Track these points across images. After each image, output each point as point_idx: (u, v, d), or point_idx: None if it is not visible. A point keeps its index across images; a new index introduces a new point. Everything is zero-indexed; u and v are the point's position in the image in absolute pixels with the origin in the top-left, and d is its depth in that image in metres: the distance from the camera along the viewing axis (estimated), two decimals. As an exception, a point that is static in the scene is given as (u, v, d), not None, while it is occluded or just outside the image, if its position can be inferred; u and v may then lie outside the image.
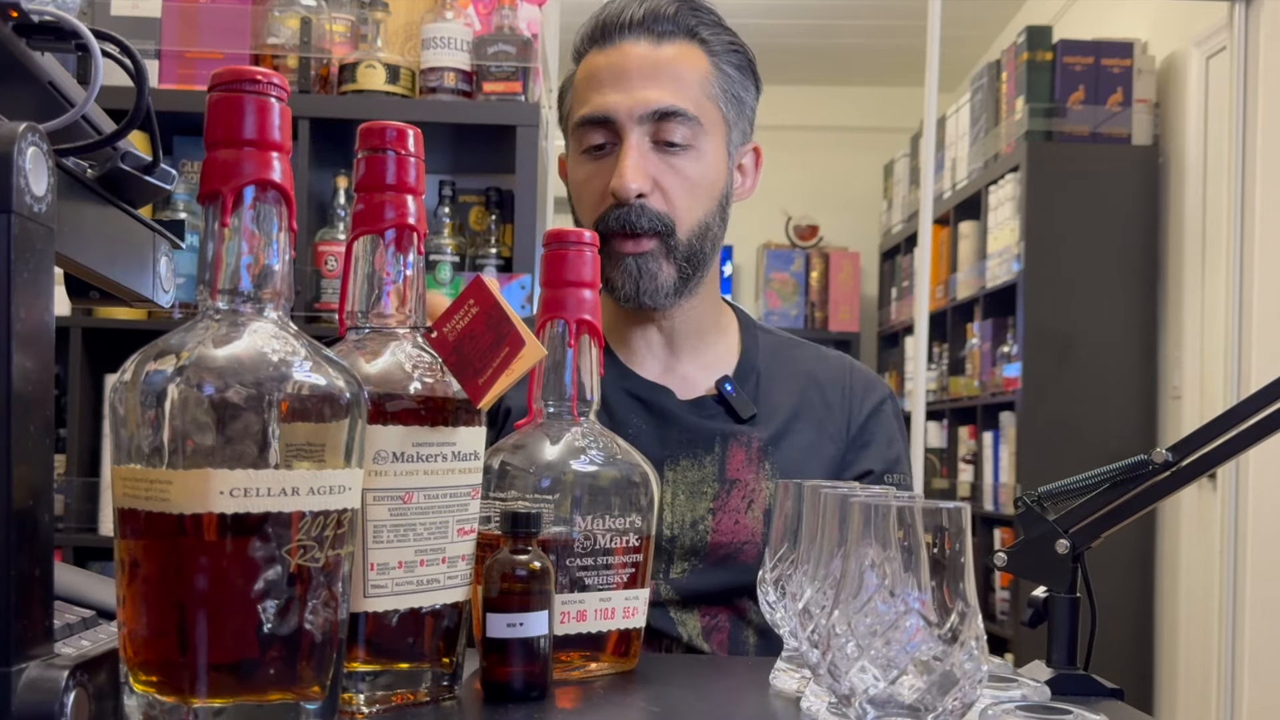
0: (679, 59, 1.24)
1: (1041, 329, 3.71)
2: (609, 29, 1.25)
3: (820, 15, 5.17)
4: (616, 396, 1.26)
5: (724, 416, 1.27)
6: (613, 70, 1.23)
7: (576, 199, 1.28)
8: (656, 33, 1.24)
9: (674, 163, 1.23)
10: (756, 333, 1.36)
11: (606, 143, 1.24)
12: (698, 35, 1.25)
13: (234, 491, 0.62)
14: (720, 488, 1.24)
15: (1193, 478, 0.89)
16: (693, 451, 1.25)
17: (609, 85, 1.23)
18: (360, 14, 2.40)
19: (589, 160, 1.25)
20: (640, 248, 1.22)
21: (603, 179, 1.23)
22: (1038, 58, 3.83)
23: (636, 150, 1.21)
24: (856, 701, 0.64)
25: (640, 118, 1.21)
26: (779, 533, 0.85)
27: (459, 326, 0.80)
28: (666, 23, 1.24)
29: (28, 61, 0.73)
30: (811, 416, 1.30)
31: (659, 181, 1.22)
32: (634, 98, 1.21)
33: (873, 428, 1.32)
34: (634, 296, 1.24)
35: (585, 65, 1.27)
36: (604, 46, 1.25)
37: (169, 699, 0.62)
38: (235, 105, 0.66)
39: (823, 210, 5.83)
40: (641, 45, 1.24)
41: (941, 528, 0.63)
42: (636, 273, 1.22)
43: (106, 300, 0.92)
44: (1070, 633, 0.90)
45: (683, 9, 1.25)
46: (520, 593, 0.81)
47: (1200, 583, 3.47)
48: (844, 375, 1.35)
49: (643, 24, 1.24)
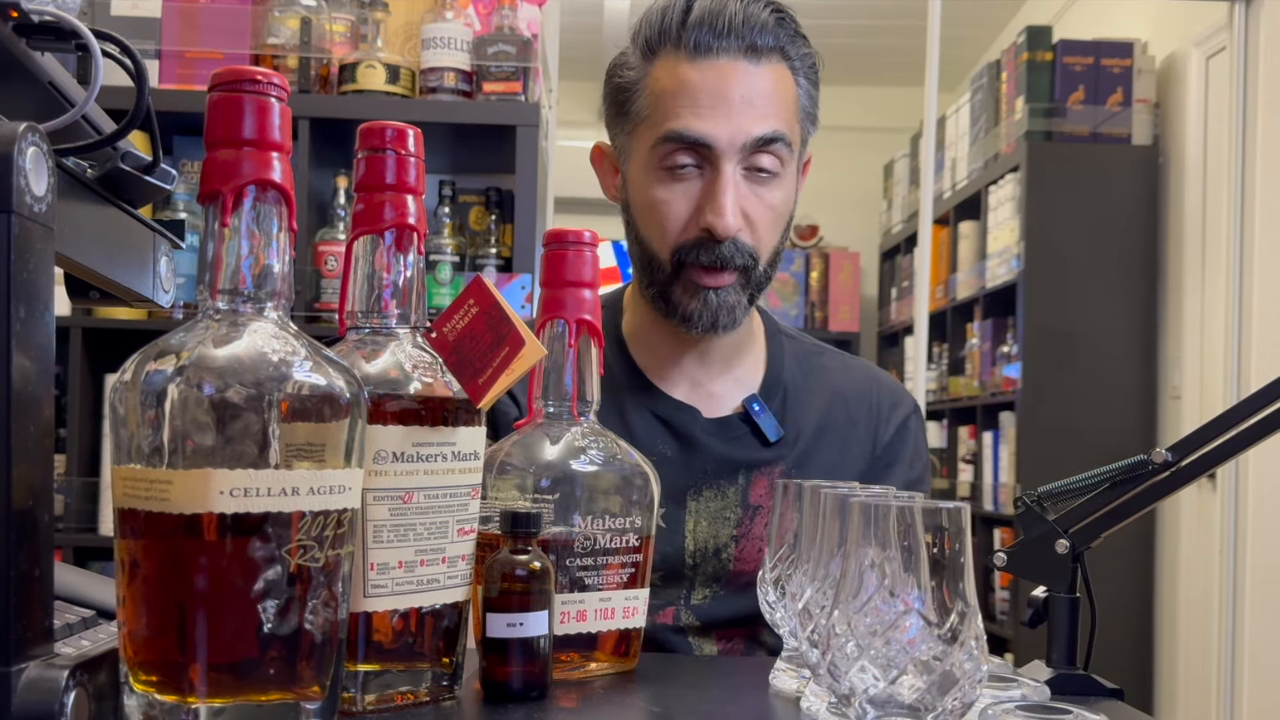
0: (775, 84, 1.17)
1: (1041, 329, 3.71)
2: (703, 34, 1.15)
3: (820, 15, 5.17)
4: (642, 418, 1.23)
5: (750, 438, 1.24)
6: (710, 91, 1.15)
7: (648, 216, 1.20)
8: (755, 48, 1.15)
9: (761, 193, 1.17)
10: (782, 339, 1.33)
11: (692, 165, 1.16)
12: (786, 53, 1.18)
13: (234, 491, 0.62)
14: (743, 514, 1.22)
15: (1192, 478, 0.89)
16: (716, 482, 1.22)
17: (707, 105, 1.14)
18: (360, 14, 2.40)
19: (670, 179, 1.17)
20: (723, 282, 1.17)
21: (688, 205, 1.17)
22: (1038, 58, 3.83)
23: (734, 184, 1.15)
24: (856, 701, 0.64)
25: (742, 147, 1.15)
26: (779, 533, 0.85)
27: (459, 326, 0.80)
28: (766, 36, 1.16)
29: (28, 61, 0.73)
30: (837, 436, 1.27)
31: (748, 214, 1.17)
32: (735, 124, 1.14)
33: (897, 447, 1.30)
34: (710, 328, 1.20)
35: (670, 71, 1.17)
36: (696, 57, 1.15)
37: (169, 699, 0.62)
38: (235, 105, 0.66)
39: (823, 210, 5.82)
40: (741, 67, 1.15)
41: (941, 528, 0.63)
42: (717, 306, 1.18)
43: (106, 300, 0.92)
44: (1070, 633, 0.90)
45: (776, 21, 1.17)
46: (520, 593, 0.81)
47: (1200, 583, 3.47)
48: (870, 390, 1.32)
49: (741, 34, 1.15)
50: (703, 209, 1.16)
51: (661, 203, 1.18)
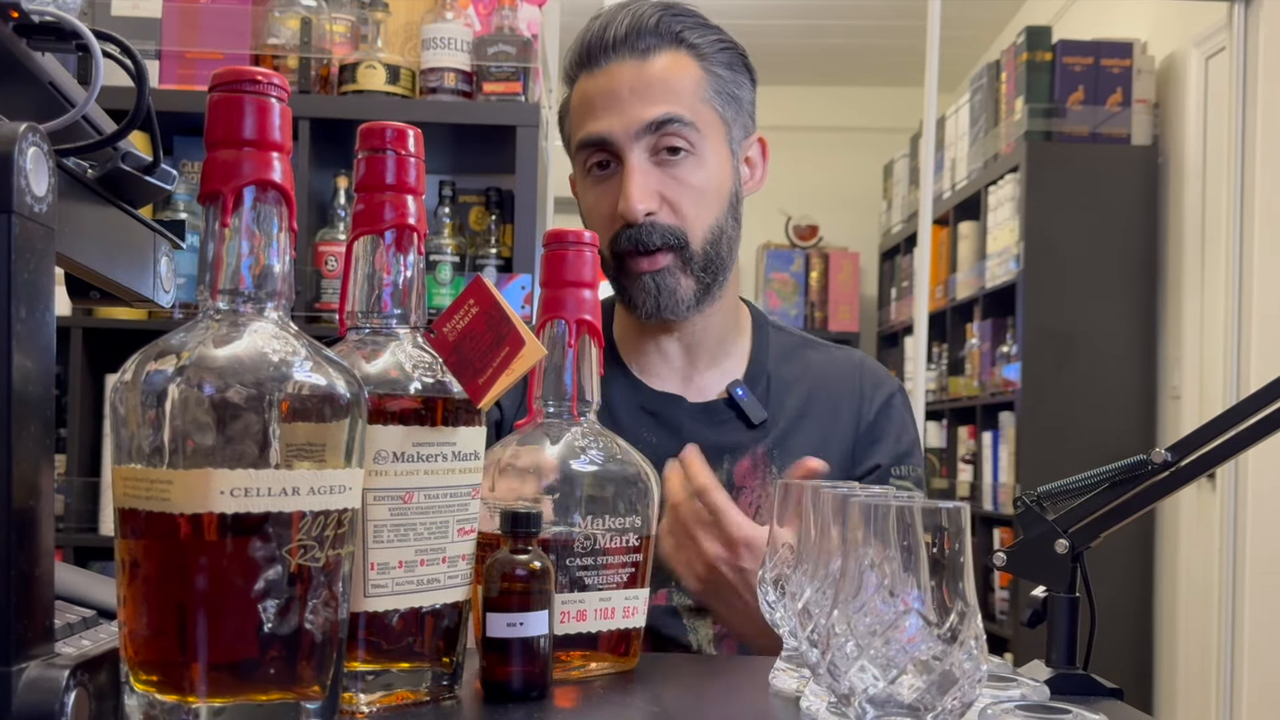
0: (668, 70, 1.24)
1: (1041, 329, 3.71)
2: (594, 52, 1.25)
3: (821, 15, 5.17)
4: (628, 410, 1.27)
5: (735, 422, 1.28)
6: (604, 95, 1.23)
7: (587, 220, 1.28)
8: (641, 49, 1.24)
9: (677, 173, 1.23)
10: (769, 330, 1.37)
11: (609, 161, 1.24)
12: (684, 41, 1.25)
13: (234, 491, 0.62)
14: (729, 495, 1.23)
15: (1192, 478, 0.89)
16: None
17: (602, 108, 1.23)
18: (360, 14, 2.40)
19: (595, 182, 1.26)
20: (655, 264, 1.23)
21: (610, 200, 1.23)
22: (1037, 58, 3.83)
23: (639, 170, 1.21)
24: (856, 701, 0.64)
25: (637, 133, 1.21)
26: (779, 533, 0.85)
27: (459, 326, 0.80)
28: (650, 36, 1.24)
29: (28, 61, 0.73)
30: (818, 419, 1.30)
31: (665, 195, 1.22)
32: (628, 116, 1.22)
33: (881, 424, 1.32)
34: (655, 312, 1.24)
35: (577, 90, 1.27)
36: (592, 70, 1.25)
37: (169, 699, 0.62)
38: (235, 105, 0.66)
39: (823, 210, 5.83)
40: (628, 65, 1.23)
41: (941, 528, 0.63)
42: (655, 289, 1.23)
43: (106, 300, 0.92)
44: (1070, 632, 0.90)
45: (664, 18, 1.24)
46: (520, 593, 0.81)
47: (1200, 582, 3.47)
48: (853, 374, 1.35)
49: (626, 42, 1.24)
50: (618, 200, 1.22)
51: (591, 205, 1.27)
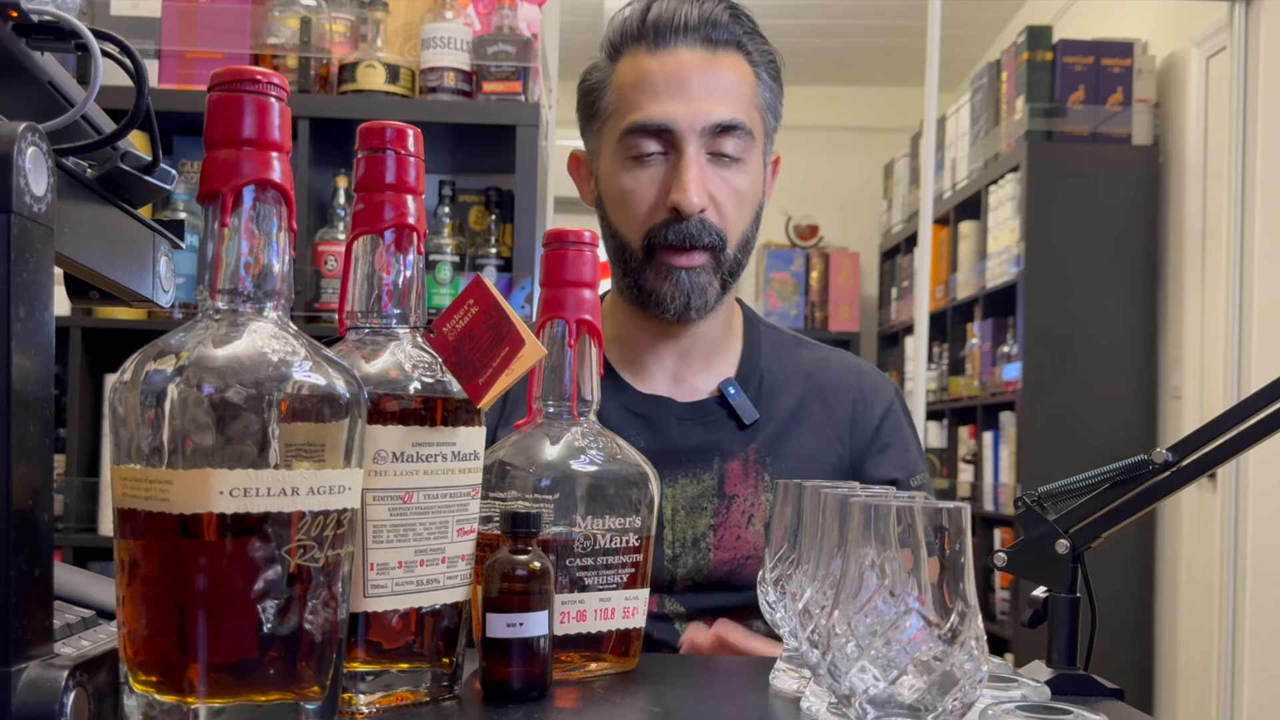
0: (733, 72, 1.22)
1: (1041, 329, 3.71)
2: (661, 30, 1.20)
3: (820, 15, 5.17)
4: (615, 413, 1.24)
5: (725, 421, 1.26)
6: (670, 79, 1.20)
7: (619, 205, 1.24)
8: (711, 40, 1.21)
9: (726, 176, 1.21)
10: (761, 329, 1.35)
11: (658, 151, 1.21)
12: (744, 46, 1.23)
13: (234, 491, 0.62)
14: (720, 503, 1.23)
15: (1193, 478, 0.88)
16: (691, 469, 1.24)
17: (666, 93, 1.19)
18: (360, 14, 2.40)
19: (637, 167, 1.22)
20: (694, 262, 1.21)
21: (655, 189, 1.21)
22: (1038, 57, 3.83)
23: (698, 164, 1.19)
24: (856, 701, 0.64)
25: (701, 130, 1.19)
26: (779, 533, 0.85)
27: (459, 326, 0.80)
28: (721, 30, 1.21)
29: (27, 61, 0.73)
30: (811, 422, 1.29)
31: (714, 195, 1.21)
32: (695, 109, 1.19)
33: (887, 431, 1.31)
34: (684, 311, 1.22)
35: (633, 66, 1.22)
36: (655, 49, 1.21)
37: (169, 699, 0.62)
38: (235, 105, 0.66)
39: (823, 210, 5.82)
40: (698, 53, 1.20)
41: (941, 528, 0.63)
42: (689, 287, 1.21)
43: (106, 300, 0.92)
44: (1070, 633, 0.90)
45: (732, 17, 1.23)
46: (520, 593, 0.81)
47: (1200, 582, 3.47)
48: (849, 378, 1.33)
49: (698, 29, 1.20)
50: (669, 190, 1.20)
51: (630, 190, 1.22)
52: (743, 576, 1.22)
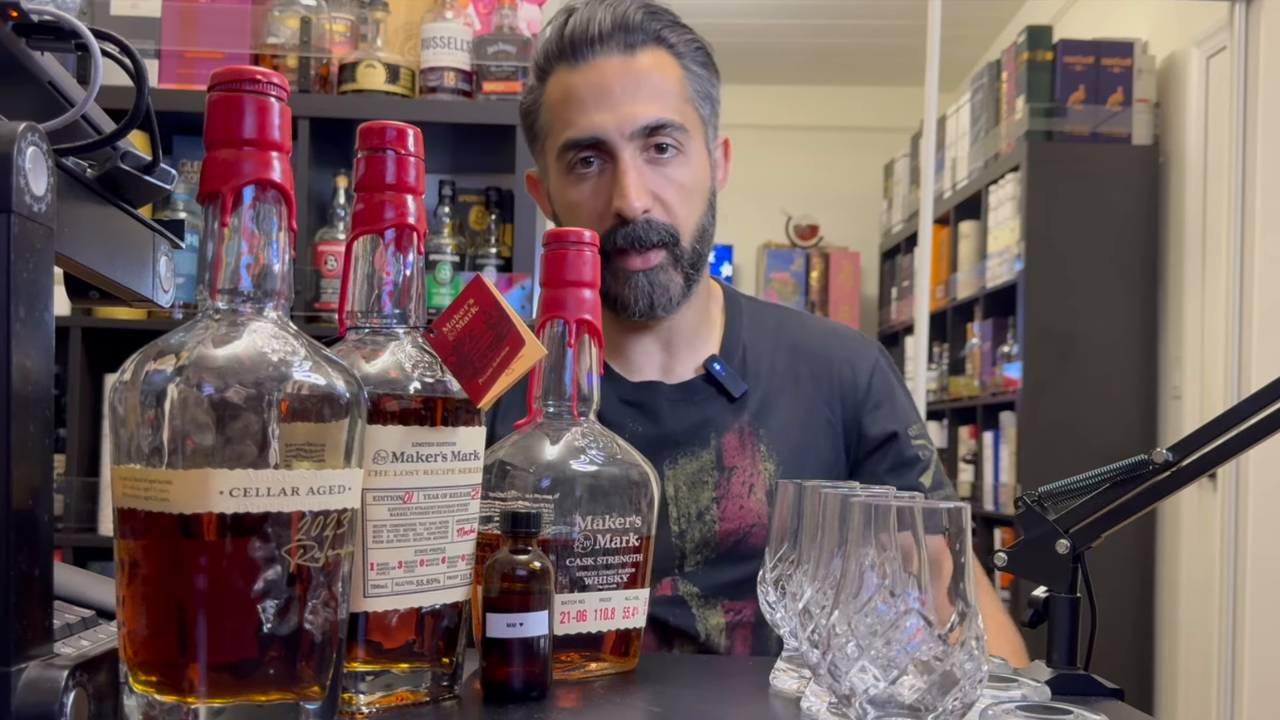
0: (654, 68, 1.23)
1: (1041, 329, 3.71)
2: (578, 44, 1.22)
3: (820, 15, 5.16)
4: (610, 405, 1.26)
5: (715, 397, 1.29)
6: (593, 90, 1.22)
7: (569, 219, 1.26)
8: (627, 44, 1.22)
9: (667, 172, 1.23)
10: (740, 302, 1.38)
11: (595, 159, 1.23)
12: (664, 40, 1.24)
13: (234, 491, 0.62)
14: (720, 475, 1.25)
15: (1193, 478, 0.88)
16: (689, 447, 1.26)
17: (593, 105, 1.21)
18: (360, 14, 2.40)
19: (579, 181, 1.24)
20: (649, 262, 1.22)
21: (599, 199, 1.23)
22: (1038, 57, 3.83)
23: (634, 168, 1.21)
24: (856, 701, 0.64)
25: (631, 134, 1.21)
26: (779, 533, 0.85)
27: (459, 326, 0.80)
28: (636, 31, 1.23)
29: (27, 61, 0.73)
30: (799, 387, 1.31)
31: (657, 194, 1.22)
32: (621, 114, 1.21)
33: (878, 387, 1.33)
34: (648, 311, 1.24)
35: (559, 84, 1.24)
36: (576, 64, 1.23)
37: (169, 699, 0.62)
38: (235, 105, 0.66)
39: (823, 210, 5.83)
40: (616, 59, 1.22)
41: (942, 528, 0.63)
42: (649, 287, 1.23)
43: (106, 300, 0.92)
44: (1070, 633, 0.90)
45: (647, 15, 1.24)
46: (520, 593, 0.81)
47: (1200, 582, 3.47)
48: (830, 341, 1.36)
49: (613, 35, 1.22)
50: (611, 197, 1.21)
51: (576, 203, 1.25)
52: (750, 545, 1.24)
